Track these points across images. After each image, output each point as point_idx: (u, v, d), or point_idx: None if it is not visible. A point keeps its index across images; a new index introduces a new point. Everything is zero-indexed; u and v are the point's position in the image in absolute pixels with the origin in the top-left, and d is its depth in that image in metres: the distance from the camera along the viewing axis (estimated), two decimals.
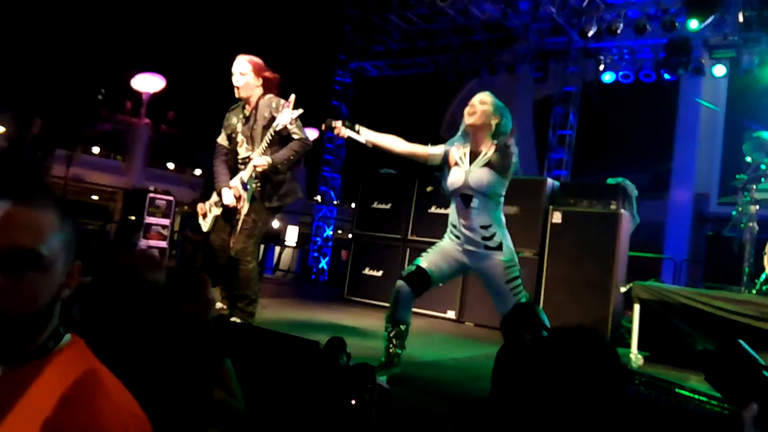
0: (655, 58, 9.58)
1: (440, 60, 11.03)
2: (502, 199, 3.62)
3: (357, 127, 3.72)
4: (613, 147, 13.94)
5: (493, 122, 3.55)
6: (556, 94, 10.59)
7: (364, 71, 12.27)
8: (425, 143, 3.74)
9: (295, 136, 4.16)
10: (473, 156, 3.57)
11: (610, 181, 6.20)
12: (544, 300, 6.02)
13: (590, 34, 9.13)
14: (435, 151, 3.70)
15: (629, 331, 5.09)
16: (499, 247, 3.51)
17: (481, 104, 3.58)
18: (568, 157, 10.23)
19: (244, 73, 4.17)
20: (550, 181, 6.58)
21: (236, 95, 4.25)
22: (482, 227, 3.51)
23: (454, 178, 3.56)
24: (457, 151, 3.63)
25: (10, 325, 0.85)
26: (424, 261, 3.54)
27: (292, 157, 4.16)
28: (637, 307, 4.97)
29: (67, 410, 0.86)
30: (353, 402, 1.19)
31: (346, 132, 3.69)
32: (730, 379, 1.46)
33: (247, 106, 4.27)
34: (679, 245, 10.84)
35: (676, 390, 1.88)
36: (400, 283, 3.51)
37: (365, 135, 3.71)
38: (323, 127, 3.81)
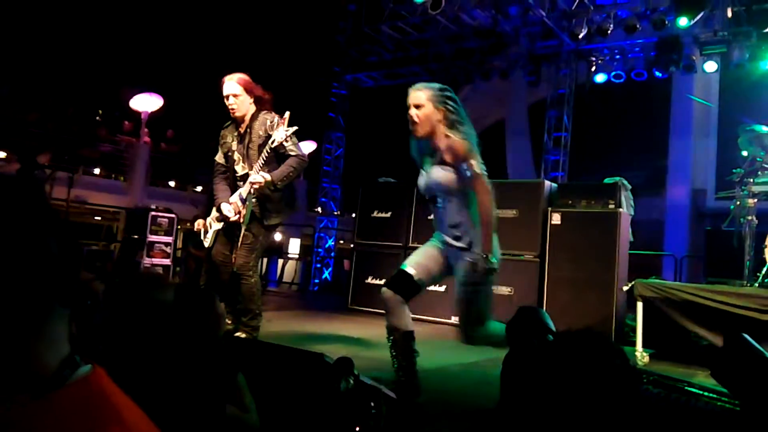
0: (646, 56, 9.66)
1: (433, 68, 11.11)
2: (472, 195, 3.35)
3: None
4: (608, 147, 13.98)
5: (438, 116, 3.31)
6: (550, 97, 10.65)
7: (359, 82, 12.35)
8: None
9: (292, 153, 4.16)
10: (433, 153, 3.38)
11: (608, 180, 6.24)
12: (547, 301, 6.06)
13: (581, 36, 9.21)
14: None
15: (633, 330, 5.12)
16: (469, 247, 3.27)
17: (416, 109, 3.34)
18: (565, 158, 10.28)
19: (237, 94, 4.18)
20: (547, 183, 6.62)
21: (233, 116, 4.27)
22: (451, 227, 3.32)
23: (421, 182, 3.42)
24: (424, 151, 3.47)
25: None
26: (408, 264, 3.37)
27: (291, 174, 4.17)
28: (640, 305, 5.00)
29: None
30: (357, 429, 1.18)
31: None
32: (736, 373, 1.42)
33: (241, 124, 4.29)
34: (679, 242, 10.87)
35: (686, 388, 1.86)
36: (383, 290, 3.35)
37: None
38: None
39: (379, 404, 1.47)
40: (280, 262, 12.82)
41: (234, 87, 4.17)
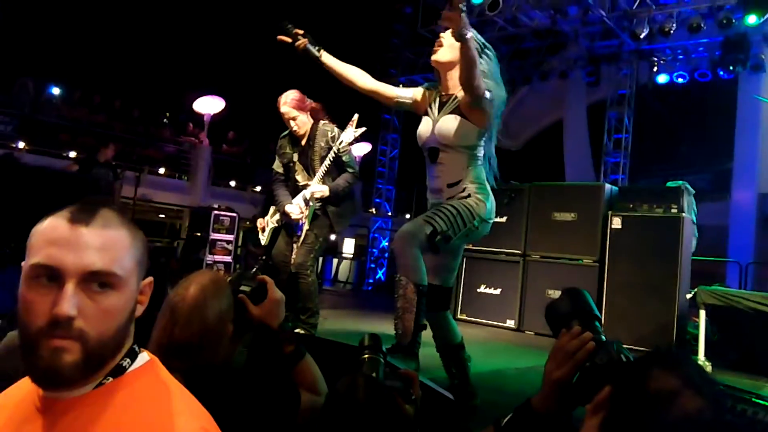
0: (711, 56, 9.37)
1: None
2: (481, 154, 3.00)
3: (319, 48, 3.18)
4: (670, 149, 13.61)
5: None
6: (610, 97, 10.44)
7: (414, 85, 12.37)
8: None
9: (349, 170, 4.29)
10: (443, 101, 3.03)
11: (671, 184, 6.09)
12: (606, 307, 5.96)
13: (642, 35, 8.99)
14: (404, 93, 3.21)
15: (695, 338, 4.99)
16: (466, 196, 2.92)
17: (450, 36, 2.88)
18: (625, 161, 10.07)
19: (294, 116, 4.31)
20: (607, 186, 6.50)
21: (296, 135, 4.41)
22: (449, 186, 2.97)
23: (422, 129, 3.05)
24: (429, 95, 3.10)
25: (93, 347, 0.88)
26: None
27: (345, 188, 4.31)
28: (702, 313, 4.87)
29: (145, 430, 0.89)
30: (394, 412, 1.19)
31: (308, 46, 3.15)
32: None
33: (302, 137, 4.41)
34: (744, 248, 10.46)
35: (753, 399, 1.80)
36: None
37: (326, 59, 3.19)
38: (286, 30, 3.19)
39: (414, 389, 1.49)
40: (335, 261, 12.98)
41: (288, 111, 4.30)
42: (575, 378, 1.33)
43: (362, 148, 14.59)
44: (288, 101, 4.31)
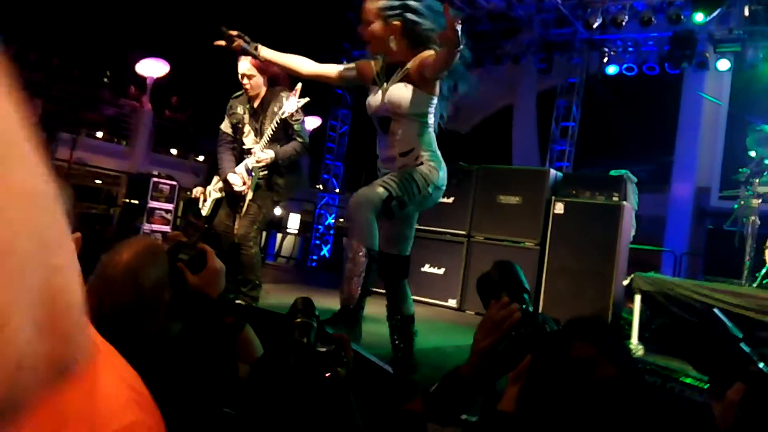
0: (659, 51, 9.57)
1: None
2: (432, 121, 3.03)
3: (256, 46, 3.25)
4: (615, 139, 13.94)
5: (392, 31, 2.93)
6: (560, 85, 10.57)
7: (368, 59, 12.22)
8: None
9: (299, 139, 4.20)
10: (391, 69, 3.03)
11: (613, 173, 6.21)
12: (545, 290, 6.06)
13: (595, 25, 9.10)
14: (348, 68, 3.28)
15: (629, 323, 5.13)
16: (419, 164, 2.95)
17: (366, 14, 2.95)
18: (571, 148, 10.24)
19: (251, 75, 4.19)
20: (552, 171, 6.59)
21: (248, 95, 4.29)
22: (402, 155, 2.98)
23: (372, 99, 3.08)
24: (375, 65, 3.13)
25: None
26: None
27: (292, 156, 4.22)
28: (637, 299, 5.01)
29: (69, 389, 0.85)
30: (327, 375, 1.18)
31: (244, 46, 3.22)
32: (707, 354, 1.37)
33: (255, 99, 4.29)
34: (680, 238, 10.86)
35: (681, 378, 1.86)
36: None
37: (264, 53, 3.26)
38: (223, 36, 3.22)
39: (346, 351, 1.48)
40: (279, 236, 12.82)
41: (249, 68, 4.17)
42: (501, 347, 1.36)
43: (312, 123, 14.40)
44: (249, 59, 4.16)
